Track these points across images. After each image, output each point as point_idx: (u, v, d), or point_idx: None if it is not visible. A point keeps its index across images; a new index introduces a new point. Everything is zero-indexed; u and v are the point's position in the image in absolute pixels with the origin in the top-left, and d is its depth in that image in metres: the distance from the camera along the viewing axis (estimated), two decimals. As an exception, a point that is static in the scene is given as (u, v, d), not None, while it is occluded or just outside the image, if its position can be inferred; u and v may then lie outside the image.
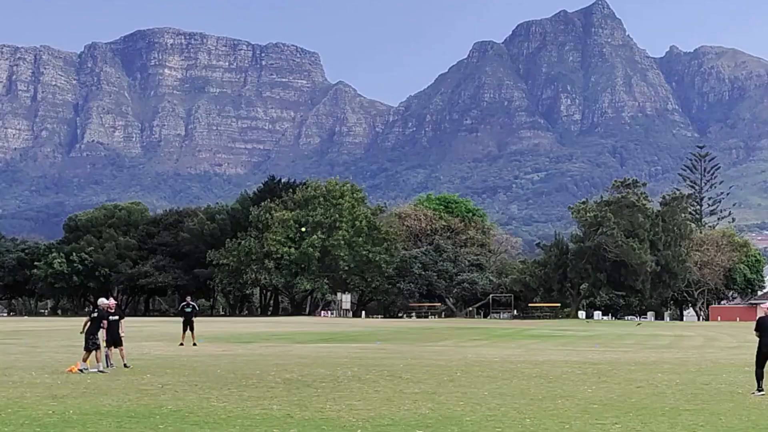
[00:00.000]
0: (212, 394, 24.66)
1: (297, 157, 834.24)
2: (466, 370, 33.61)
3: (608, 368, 35.07)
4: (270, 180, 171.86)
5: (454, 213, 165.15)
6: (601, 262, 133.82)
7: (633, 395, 25.32)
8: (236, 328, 77.65)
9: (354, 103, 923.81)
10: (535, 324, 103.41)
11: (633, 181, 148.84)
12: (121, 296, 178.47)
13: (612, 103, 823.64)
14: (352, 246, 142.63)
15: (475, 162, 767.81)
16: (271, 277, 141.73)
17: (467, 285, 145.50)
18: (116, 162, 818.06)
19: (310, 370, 32.91)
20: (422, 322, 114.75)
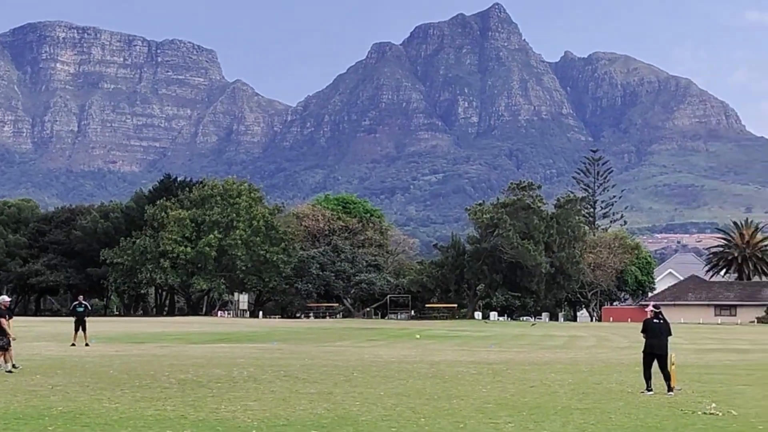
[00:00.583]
0: (104, 395, 24.24)
1: (193, 156, 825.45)
2: (363, 370, 33.67)
3: (503, 368, 35.50)
4: (166, 178, 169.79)
5: (352, 213, 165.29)
6: (497, 263, 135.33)
7: (527, 395, 25.67)
8: (130, 328, 76.49)
9: (252, 102, 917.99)
10: (432, 324, 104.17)
11: (528, 184, 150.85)
12: (11, 295, 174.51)
13: (508, 107, 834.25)
14: (250, 246, 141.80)
15: (374, 163, 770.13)
16: (166, 277, 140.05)
17: (365, 285, 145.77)
18: (5, 158, 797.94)
19: (205, 370, 32.60)
20: (320, 322, 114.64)
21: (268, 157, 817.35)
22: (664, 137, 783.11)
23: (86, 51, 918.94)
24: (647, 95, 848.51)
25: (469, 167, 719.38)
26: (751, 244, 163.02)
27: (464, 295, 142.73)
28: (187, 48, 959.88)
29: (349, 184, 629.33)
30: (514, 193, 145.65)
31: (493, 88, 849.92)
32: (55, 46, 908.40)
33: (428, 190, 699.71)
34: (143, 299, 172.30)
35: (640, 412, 22.08)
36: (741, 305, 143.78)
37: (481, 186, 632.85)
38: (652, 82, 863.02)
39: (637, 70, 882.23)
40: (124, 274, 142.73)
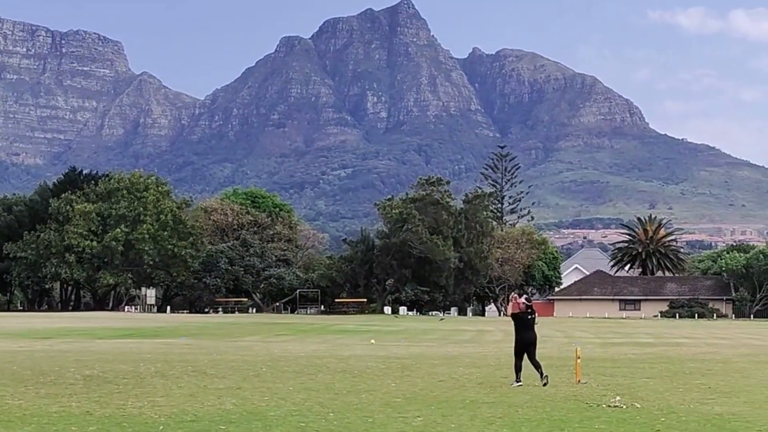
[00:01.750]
0: (7, 392, 23.81)
1: (99, 149, 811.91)
2: (272, 365, 33.62)
3: (412, 363, 35.74)
4: (71, 171, 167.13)
5: (261, 208, 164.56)
6: (406, 258, 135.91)
7: (435, 389, 25.90)
8: (35, 324, 75.13)
9: (159, 95, 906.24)
10: (342, 319, 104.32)
11: (437, 179, 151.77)
12: None
13: (417, 102, 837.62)
14: (157, 240, 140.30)
15: (283, 157, 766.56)
16: (72, 271, 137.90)
17: (274, 280, 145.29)
18: None
19: (111, 366, 32.21)
20: (229, 317, 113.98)
21: (175, 151, 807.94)
22: (571, 134, 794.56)
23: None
24: (554, 92, 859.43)
25: (379, 162, 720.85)
26: (655, 239, 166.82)
27: (374, 290, 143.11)
28: (93, 39, 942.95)
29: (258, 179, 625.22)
30: (423, 188, 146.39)
31: (402, 84, 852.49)
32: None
33: (337, 184, 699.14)
34: (48, 294, 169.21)
35: (546, 406, 22.44)
36: (645, 300, 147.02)
37: (391, 181, 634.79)
38: (559, 80, 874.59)
39: (543, 67, 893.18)
40: (27, 269, 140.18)
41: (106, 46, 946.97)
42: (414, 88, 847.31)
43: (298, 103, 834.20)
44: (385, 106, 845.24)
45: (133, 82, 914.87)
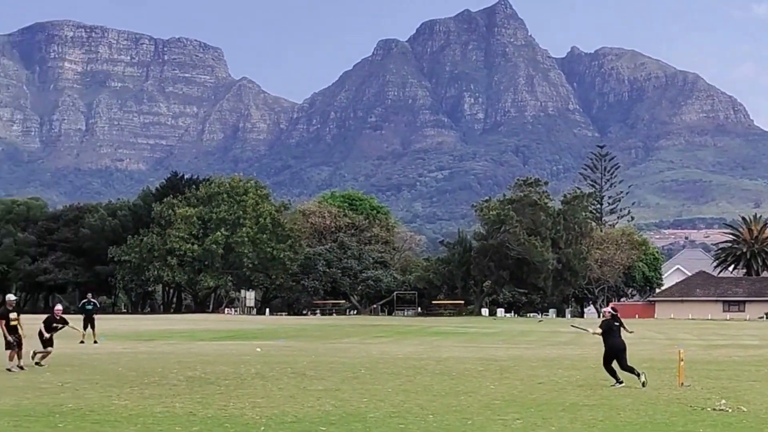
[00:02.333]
0: (113, 393, 24.34)
1: (200, 153, 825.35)
2: (370, 367, 33.71)
3: (510, 365, 35.51)
4: (173, 176, 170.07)
5: (358, 210, 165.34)
6: (503, 259, 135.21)
7: (534, 391, 25.69)
8: (138, 326, 76.64)
9: (258, 100, 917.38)
10: (439, 321, 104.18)
11: (535, 180, 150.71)
12: (20, 293, 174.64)
13: (515, 103, 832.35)
14: (256, 243, 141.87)
15: (380, 160, 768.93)
16: (173, 274, 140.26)
17: (372, 282, 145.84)
18: (14, 157, 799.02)
19: (212, 367, 32.68)
20: (326, 319, 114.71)
21: (274, 155, 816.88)
22: (672, 132, 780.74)
23: (94, 50, 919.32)
24: (654, 90, 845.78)
25: (476, 164, 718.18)
26: (760, 239, 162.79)
27: (471, 292, 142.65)
28: (194, 46, 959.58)
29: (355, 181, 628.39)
30: (520, 189, 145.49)
31: (500, 84, 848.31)
32: (63, 45, 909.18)
33: (434, 186, 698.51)
34: (151, 297, 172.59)
35: (649, 409, 22.09)
36: (750, 301, 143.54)
37: (488, 182, 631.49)
38: (660, 77, 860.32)
39: (644, 65, 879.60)
40: (131, 272, 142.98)
41: (207, 52, 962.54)
42: (511, 88, 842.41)
43: (395, 106, 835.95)
44: (482, 107, 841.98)
45: (233, 88, 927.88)
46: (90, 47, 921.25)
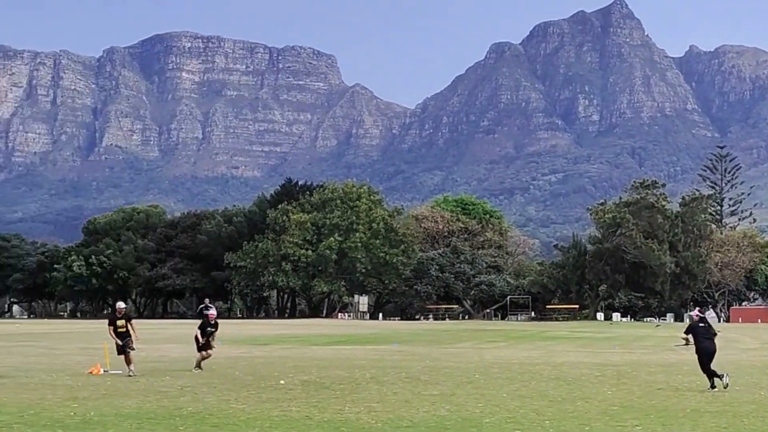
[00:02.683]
0: (231, 396, 24.68)
1: (313, 160, 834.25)
2: (485, 372, 33.52)
3: (628, 370, 34.94)
4: (287, 182, 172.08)
5: (471, 215, 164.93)
6: (619, 263, 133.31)
7: (653, 397, 25.20)
8: (254, 331, 77.71)
9: (370, 105, 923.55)
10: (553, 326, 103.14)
11: (652, 182, 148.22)
12: (140, 299, 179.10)
13: (630, 104, 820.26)
14: (369, 248, 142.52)
15: (492, 163, 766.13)
16: (288, 280, 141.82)
17: (485, 287, 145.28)
18: (134, 165, 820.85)
19: (328, 372, 32.91)
20: (439, 324, 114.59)
21: (386, 160, 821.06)
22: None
23: (210, 59, 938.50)
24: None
25: (590, 166, 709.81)
26: None
27: (585, 296, 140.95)
28: (308, 54, 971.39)
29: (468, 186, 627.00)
30: (637, 191, 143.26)
31: (615, 86, 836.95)
32: (180, 56, 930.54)
33: (548, 189, 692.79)
34: (265, 302, 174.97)
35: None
36: None
37: (603, 185, 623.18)
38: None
39: (767, 63, 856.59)
40: (247, 277, 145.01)
41: (320, 60, 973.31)
42: (627, 89, 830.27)
43: (508, 109, 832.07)
44: (597, 109, 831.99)
45: (346, 94, 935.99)
46: (207, 57, 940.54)
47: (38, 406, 22.46)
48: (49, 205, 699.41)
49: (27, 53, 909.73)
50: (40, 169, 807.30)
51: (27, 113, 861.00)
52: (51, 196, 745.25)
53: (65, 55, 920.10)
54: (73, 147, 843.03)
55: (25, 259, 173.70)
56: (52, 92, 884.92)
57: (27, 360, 39.41)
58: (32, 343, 56.16)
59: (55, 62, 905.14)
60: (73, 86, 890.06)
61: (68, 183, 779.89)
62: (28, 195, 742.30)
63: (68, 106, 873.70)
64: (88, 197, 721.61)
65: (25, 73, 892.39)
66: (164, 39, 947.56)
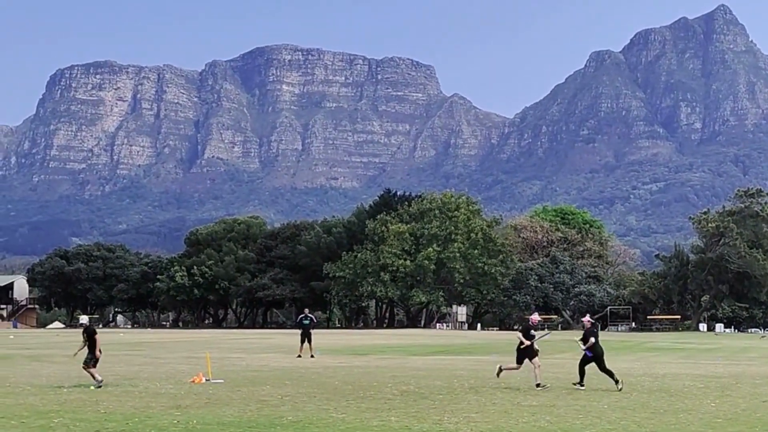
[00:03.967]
0: (330, 406, 24.91)
1: (412, 170, 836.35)
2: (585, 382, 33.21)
3: (731, 382, 34.28)
4: (385, 193, 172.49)
5: (570, 224, 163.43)
6: (723, 273, 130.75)
7: (759, 410, 24.71)
8: (352, 340, 78.16)
9: (469, 115, 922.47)
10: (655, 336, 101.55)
11: (757, 191, 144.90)
12: (240, 308, 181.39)
13: (734, 111, 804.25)
14: (468, 258, 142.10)
15: (592, 173, 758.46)
16: (386, 290, 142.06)
17: (584, 297, 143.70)
18: (235, 177, 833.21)
19: (426, 382, 32.97)
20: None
21: (485, 170, 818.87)
22: None
23: (310, 72, 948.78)
24: None
25: (692, 175, 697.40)
26: None
27: (688, 307, 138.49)
28: (406, 65, 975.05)
29: (567, 195, 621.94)
30: (741, 200, 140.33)
31: (718, 93, 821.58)
32: (281, 69, 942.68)
33: (649, 199, 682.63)
34: (364, 312, 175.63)
35: None
36: None
37: (705, 194, 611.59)
38: None
39: None
40: (345, 288, 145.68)
41: (419, 70, 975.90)
42: (731, 96, 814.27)
43: (608, 118, 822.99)
44: (699, 117, 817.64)
45: (444, 105, 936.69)
46: (306, 69, 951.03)
47: (143, 414, 22.98)
48: (152, 217, 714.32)
49: (132, 68, 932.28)
50: (144, 181, 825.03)
51: (131, 126, 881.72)
52: (154, 208, 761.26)
53: (168, 69, 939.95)
54: (175, 159, 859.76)
55: (129, 269, 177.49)
56: (156, 106, 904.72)
57: (131, 369, 40.30)
58: (137, 352, 57.38)
59: (159, 76, 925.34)
60: (176, 100, 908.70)
61: (171, 195, 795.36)
62: (132, 207, 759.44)
63: (171, 119, 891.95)
64: (190, 209, 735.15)
65: (130, 87, 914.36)
66: (265, 52, 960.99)
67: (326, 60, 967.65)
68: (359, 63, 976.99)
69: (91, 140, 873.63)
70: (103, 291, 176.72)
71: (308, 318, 51.80)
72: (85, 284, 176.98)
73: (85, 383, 30.52)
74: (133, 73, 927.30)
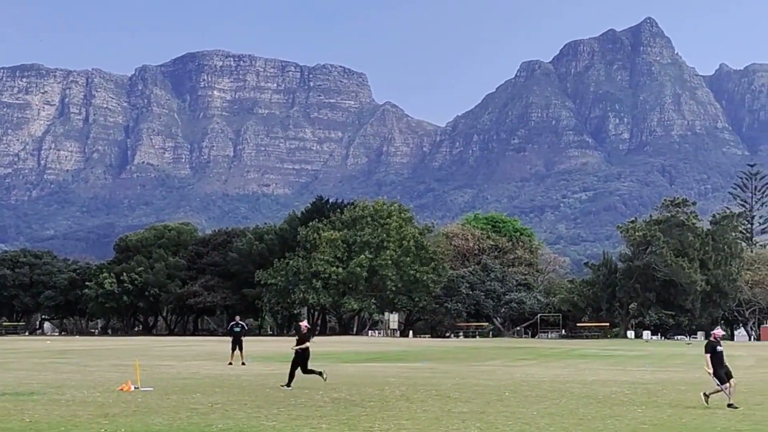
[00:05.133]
0: (261, 413, 24.83)
1: (344, 178, 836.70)
2: (515, 390, 33.52)
3: (658, 388, 34.83)
4: (318, 200, 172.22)
5: (501, 232, 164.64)
6: (650, 281, 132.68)
7: (684, 416, 25.14)
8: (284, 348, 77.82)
9: (401, 124, 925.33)
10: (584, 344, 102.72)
11: (683, 200, 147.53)
12: (171, 316, 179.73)
13: (661, 122, 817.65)
14: (400, 266, 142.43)
15: (523, 181, 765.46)
16: (318, 297, 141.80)
17: (515, 305, 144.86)
18: (166, 183, 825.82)
19: (358, 389, 33.01)
20: (469, 341, 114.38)
21: (417, 178, 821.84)
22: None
23: (242, 78, 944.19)
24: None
25: (621, 184, 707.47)
26: None
27: (616, 314, 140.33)
28: (338, 72, 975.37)
29: (498, 203, 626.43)
30: (667, 209, 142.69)
31: (645, 104, 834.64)
32: (212, 75, 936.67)
33: (578, 207, 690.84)
34: (296, 319, 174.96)
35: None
36: None
37: (633, 203, 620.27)
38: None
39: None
40: (277, 295, 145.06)
41: (351, 78, 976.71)
42: (657, 107, 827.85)
43: (539, 127, 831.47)
44: (627, 127, 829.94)
45: (377, 112, 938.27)
46: (238, 76, 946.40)
47: (69, 423, 22.69)
48: (80, 223, 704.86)
49: (60, 72, 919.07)
50: (72, 186, 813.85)
51: (59, 131, 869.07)
52: (83, 214, 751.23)
53: (97, 73, 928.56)
54: (104, 165, 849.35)
55: (56, 276, 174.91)
56: (85, 110, 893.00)
57: (58, 377, 39.76)
58: (64, 360, 56.59)
59: (88, 81, 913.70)
60: (105, 104, 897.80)
61: (100, 200, 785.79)
62: (60, 212, 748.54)
63: (100, 124, 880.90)
64: (120, 215, 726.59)
65: (58, 91, 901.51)
66: (196, 57, 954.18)
67: (258, 66, 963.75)
68: (291, 70, 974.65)
69: (17, 144, 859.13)
70: (30, 298, 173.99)
71: (239, 325, 51.64)
72: (11, 291, 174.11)
73: (9, 392, 30.04)
74: (61, 76, 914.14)
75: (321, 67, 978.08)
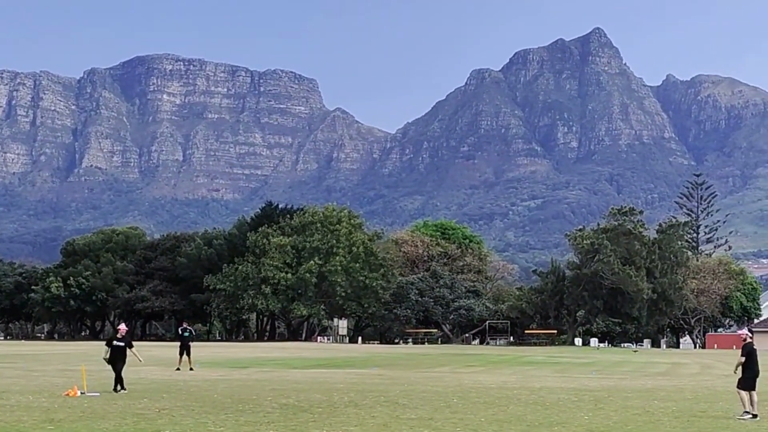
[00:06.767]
0: (209, 419, 24.73)
1: (294, 183, 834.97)
2: (463, 396, 33.66)
3: (605, 395, 35.14)
4: (267, 206, 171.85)
5: (450, 239, 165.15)
6: (597, 289, 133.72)
7: (629, 422, 25.39)
8: (233, 353, 77.55)
9: (352, 130, 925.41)
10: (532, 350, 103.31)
11: (630, 209, 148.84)
12: (118, 321, 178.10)
13: (609, 131, 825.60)
14: (349, 272, 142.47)
15: (472, 189, 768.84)
16: (267, 303, 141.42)
17: (464, 311, 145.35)
18: (114, 187, 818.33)
19: (306, 395, 32.97)
20: (418, 348, 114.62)
21: (367, 184, 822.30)
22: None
23: (192, 82, 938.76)
24: (752, 118, 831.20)
25: (569, 192, 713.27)
26: None
27: (564, 322, 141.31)
28: (289, 77, 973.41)
29: (448, 210, 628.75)
30: (615, 218, 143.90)
31: (594, 113, 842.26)
32: (162, 78, 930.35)
33: (527, 215, 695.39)
34: (245, 325, 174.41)
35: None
36: None
37: (581, 211, 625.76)
38: (758, 105, 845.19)
39: (741, 93, 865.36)
40: (226, 300, 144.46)
41: (302, 83, 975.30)
42: (605, 117, 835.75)
43: (488, 135, 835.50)
44: (575, 136, 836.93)
45: (327, 118, 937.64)
46: (188, 80, 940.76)
47: (13, 428, 22.46)
48: (27, 226, 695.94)
49: (6, 73, 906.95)
50: (19, 189, 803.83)
51: (6, 133, 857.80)
52: (29, 217, 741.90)
53: (45, 75, 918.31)
54: (52, 168, 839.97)
55: (2, 279, 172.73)
56: (32, 113, 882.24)
57: (3, 382, 39.27)
58: (9, 364, 55.89)
59: (35, 83, 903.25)
60: (52, 107, 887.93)
61: (47, 204, 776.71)
62: (5, 215, 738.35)
63: (48, 127, 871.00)
64: (67, 218, 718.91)
65: (5, 93, 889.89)
66: (146, 61, 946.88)
67: (208, 71, 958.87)
68: (242, 75, 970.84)
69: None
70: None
71: (187, 330, 51.41)
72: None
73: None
74: (7, 78, 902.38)
75: (271, 72, 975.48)
